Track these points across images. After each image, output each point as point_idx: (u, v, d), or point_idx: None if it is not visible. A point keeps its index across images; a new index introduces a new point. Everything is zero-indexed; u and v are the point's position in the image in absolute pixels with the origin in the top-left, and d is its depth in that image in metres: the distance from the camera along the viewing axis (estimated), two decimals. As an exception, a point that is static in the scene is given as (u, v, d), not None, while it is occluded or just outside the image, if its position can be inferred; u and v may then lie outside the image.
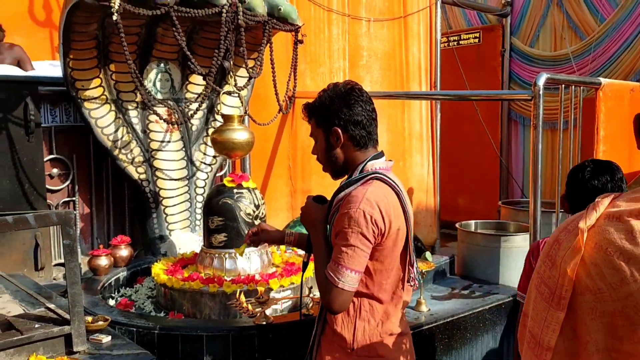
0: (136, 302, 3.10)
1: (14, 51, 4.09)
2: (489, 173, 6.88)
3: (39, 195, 3.31)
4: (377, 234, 1.75)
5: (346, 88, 1.87)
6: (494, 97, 5.73)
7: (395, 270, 1.84)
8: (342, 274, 1.74)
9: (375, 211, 1.74)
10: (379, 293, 1.84)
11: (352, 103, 1.84)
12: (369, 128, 1.86)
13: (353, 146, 1.86)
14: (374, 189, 1.79)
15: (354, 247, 1.74)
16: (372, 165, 1.85)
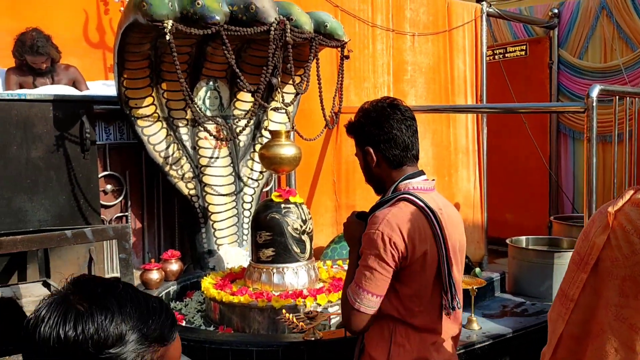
0: (186, 316, 3.14)
1: (69, 72, 4.24)
2: (538, 188, 6.72)
3: (94, 210, 3.40)
4: (398, 258, 1.70)
5: (377, 107, 1.85)
6: (543, 110, 5.62)
7: (429, 297, 1.78)
8: (360, 295, 1.72)
9: (395, 233, 1.69)
10: (412, 319, 1.78)
11: (382, 122, 1.82)
12: (403, 146, 1.82)
13: (387, 165, 1.83)
14: (398, 210, 1.74)
15: (372, 269, 1.71)
16: (405, 185, 1.81)
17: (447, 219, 1.79)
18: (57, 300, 0.93)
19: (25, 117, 3.18)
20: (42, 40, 3.99)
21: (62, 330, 0.89)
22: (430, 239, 1.74)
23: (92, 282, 0.97)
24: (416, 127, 1.86)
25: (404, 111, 1.85)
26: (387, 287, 1.72)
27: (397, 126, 1.81)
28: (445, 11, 5.32)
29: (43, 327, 0.90)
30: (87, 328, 0.89)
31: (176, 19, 2.87)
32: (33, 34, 3.98)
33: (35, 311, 0.93)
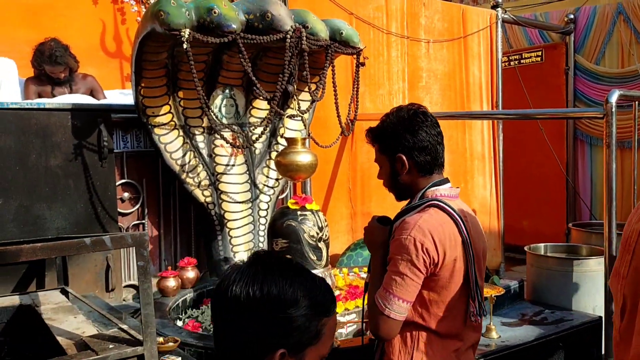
0: (203, 324, 3.14)
1: (87, 81, 4.28)
2: (555, 195, 6.66)
3: (111, 218, 3.42)
4: (429, 264, 1.70)
5: (409, 113, 1.84)
6: (561, 116, 5.57)
7: (454, 303, 1.77)
8: (390, 301, 1.71)
9: (427, 239, 1.69)
10: (436, 326, 1.77)
11: (417, 129, 1.81)
12: (434, 153, 1.83)
13: (417, 172, 1.83)
14: (429, 216, 1.74)
15: (402, 275, 1.70)
16: (433, 192, 1.82)
17: (472, 226, 1.80)
18: (245, 267, 1.14)
19: (44, 125, 3.21)
20: (60, 50, 4.04)
21: (251, 289, 1.09)
22: (460, 246, 1.74)
23: (274, 256, 1.21)
24: (442, 135, 1.88)
25: (433, 118, 1.87)
26: (416, 293, 1.73)
27: (429, 133, 1.82)
28: (460, 18, 5.30)
29: (234, 287, 1.10)
30: (270, 290, 1.09)
31: (193, 28, 2.88)
32: (51, 44, 4.03)
33: (227, 275, 1.14)
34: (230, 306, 1.11)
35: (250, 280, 1.10)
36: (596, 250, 3.82)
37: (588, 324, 3.25)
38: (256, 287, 1.09)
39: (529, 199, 6.66)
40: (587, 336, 3.24)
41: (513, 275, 5.02)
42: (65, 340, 2.33)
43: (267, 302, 1.09)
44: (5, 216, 3.09)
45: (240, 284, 1.10)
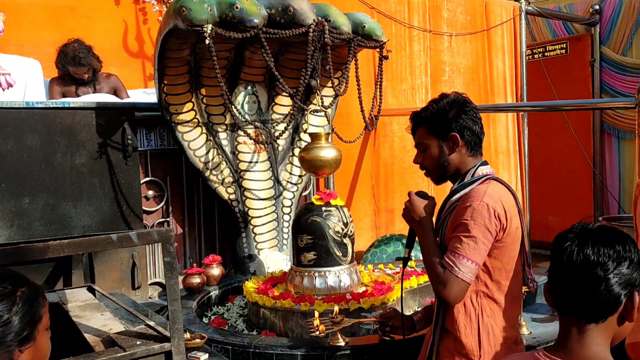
0: (229, 320, 3.13)
1: (110, 80, 4.31)
2: (582, 189, 6.54)
3: (136, 216, 3.43)
4: (499, 229, 1.79)
5: (460, 97, 1.97)
6: (590, 107, 5.46)
7: (513, 273, 1.86)
8: (462, 263, 1.77)
9: (498, 205, 1.79)
10: (498, 294, 1.85)
11: (468, 110, 1.94)
12: (481, 135, 1.96)
13: (467, 151, 1.94)
14: (494, 186, 1.85)
15: (475, 238, 1.77)
16: (482, 170, 1.92)
17: (519, 200, 1.95)
18: (580, 231, 1.29)
19: (69, 124, 3.23)
20: (83, 52, 4.06)
21: (587, 251, 1.23)
22: (518, 215, 1.86)
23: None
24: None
25: (474, 105, 1.99)
26: (484, 257, 1.80)
27: (477, 116, 1.96)
28: (483, 10, 5.23)
29: (570, 247, 1.25)
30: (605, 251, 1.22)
31: (215, 24, 2.87)
32: (75, 45, 4.06)
33: (566, 235, 1.29)
34: (563, 263, 1.26)
35: (584, 243, 1.24)
36: (628, 244, 3.74)
37: (621, 320, 3.18)
38: (589, 251, 1.23)
39: (555, 194, 6.55)
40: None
41: (539, 271, 4.93)
42: (93, 337, 2.33)
43: (603, 265, 1.22)
44: (32, 215, 3.11)
45: (574, 244, 1.25)
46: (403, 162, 4.94)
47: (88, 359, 2.04)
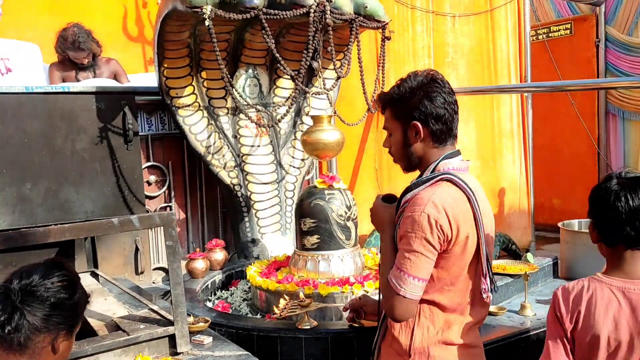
0: (232, 304, 3.13)
1: (110, 65, 4.28)
2: (586, 171, 6.51)
3: (138, 201, 3.42)
4: (443, 240, 1.65)
5: (428, 78, 1.75)
6: (593, 87, 5.40)
7: (463, 279, 1.72)
8: (405, 281, 1.65)
9: (441, 216, 1.63)
10: (440, 299, 1.72)
11: (434, 95, 1.72)
12: (450, 123, 1.75)
13: (432, 142, 1.76)
14: (442, 191, 1.68)
15: (417, 253, 1.64)
16: (444, 165, 1.74)
17: (480, 202, 1.74)
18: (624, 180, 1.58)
19: (69, 109, 3.21)
20: (83, 36, 4.03)
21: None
22: (471, 222, 1.69)
23: None
24: (457, 104, 1.80)
25: (449, 87, 1.77)
26: (431, 271, 1.67)
27: (447, 100, 1.73)
28: (486, -10, 5.16)
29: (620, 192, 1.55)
30: None
31: (215, 5, 2.83)
32: (74, 29, 4.03)
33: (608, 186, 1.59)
34: None
35: None
36: (633, 225, 3.72)
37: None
38: None
39: (559, 176, 6.52)
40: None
41: (544, 254, 4.91)
42: (96, 321, 2.33)
43: None
44: (34, 200, 3.10)
45: None
46: (406, 145, 4.90)
47: (92, 343, 2.04)
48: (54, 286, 1.38)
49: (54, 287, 1.38)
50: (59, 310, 1.38)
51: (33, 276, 1.38)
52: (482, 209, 1.74)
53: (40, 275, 1.38)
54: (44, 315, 1.35)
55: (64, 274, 1.42)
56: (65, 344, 1.44)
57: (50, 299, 1.37)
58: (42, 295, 1.36)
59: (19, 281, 1.37)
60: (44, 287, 1.37)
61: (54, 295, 1.38)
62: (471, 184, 1.75)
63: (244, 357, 2.13)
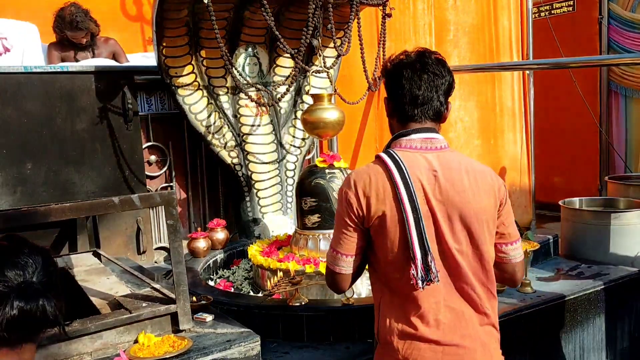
0: (234, 283, 3.15)
1: (109, 45, 4.24)
2: (588, 149, 6.48)
3: (139, 181, 3.42)
4: (356, 216, 1.64)
5: (399, 58, 1.73)
6: (595, 64, 5.34)
7: (400, 264, 1.62)
8: (332, 256, 1.72)
9: (350, 191, 1.65)
10: (390, 285, 1.67)
11: (398, 73, 1.69)
12: (415, 100, 1.67)
13: (396, 118, 1.74)
14: (366, 168, 1.69)
15: (338, 229, 1.70)
16: (395, 143, 1.69)
17: (445, 183, 1.63)
18: None
19: (68, 89, 3.20)
20: (80, 15, 3.99)
21: None
22: (391, 200, 1.60)
23: None
24: (443, 83, 1.69)
25: (430, 64, 1.69)
26: (355, 247, 1.67)
27: (412, 78, 1.68)
28: (488, -34, 5.09)
29: None
30: None
31: (213, -18, 2.80)
32: (72, 9, 3.98)
33: None
34: None
35: None
36: (634, 203, 3.71)
37: (626, 278, 3.17)
38: None
39: (560, 154, 6.50)
40: (625, 290, 3.16)
41: (545, 232, 4.90)
42: (99, 300, 2.35)
43: None
44: (35, 181, 3.10)
45: None
46: (407, 124, 4.88)
47: (95, 320, 2.06)
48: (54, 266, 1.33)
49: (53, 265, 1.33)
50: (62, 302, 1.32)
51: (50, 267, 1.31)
52: (453, 190, 1.63)
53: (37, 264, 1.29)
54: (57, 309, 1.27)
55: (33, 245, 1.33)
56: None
57: (61, 293, 1.32)
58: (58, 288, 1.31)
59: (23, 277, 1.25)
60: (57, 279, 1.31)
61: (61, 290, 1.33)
62: (427, 163, 1.64)
63: (245, 334, 2.15)
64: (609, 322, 3.09)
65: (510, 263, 1.76)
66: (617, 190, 4.63)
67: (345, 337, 2.43)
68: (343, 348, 2.37)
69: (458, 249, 1.64)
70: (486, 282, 1.68)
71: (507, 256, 1.76)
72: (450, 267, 1.64)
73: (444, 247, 1.64)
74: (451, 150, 1.72)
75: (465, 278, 1.65)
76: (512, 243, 1.76)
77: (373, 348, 1.79)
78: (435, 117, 1.72)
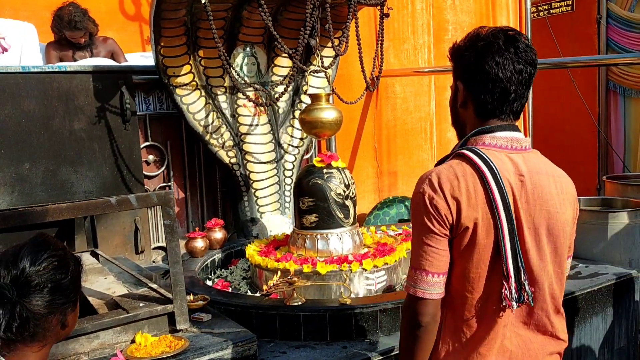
0: (232, 283, 3.15)
1: (107, 44, 4.24)
2: (586, 149, 6.49)
3: (137, 181, 3.42)
4: (444, 224, 1.39)
5: (490, 37, 1.44)
6: (594, 63, 5.34)
7: (485, 281, 1.41)
8: (416, 278, 1.42)
9: (436, 194, 1.39)
10: (462, 308, 1.45)
11: (487, 56, 1.42)
12: (503, 94, 1.43)
13: (474, 111, 1.48)
14: (448, 167, 1.43)
15: (421, 242, 1.42)
16: (476, 140, 1.46)
17: (533, 189, 1.43)
18: None
19: (66, 89, 3.20)
20: (79, 15, 3.99)
21: None
22: (484, 206, 1.38)
23: None
24: (533, 75, 1.47)
25: (522, 51, 1.44)
26: (445, 262, 1.42)
27: (503, 66, 1.41)
28: (487, -34, 5.10)
29: None
30: None
31: (211, -18, 2.80)
32: (70, 8, 3.98)
33: None
34: None
35: None
36: (632, 203, 3.71)
37: (624, 278, 3.17)
38: None
39: (559, 154, 6.44)
40: (622, 290, 3.16)
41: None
42: (97, 300, 2.35)
43: None
44: (33, 180, 3.11)
45: None
46: (405, 123, 4.89)
47: (92, 320, 2.06)
48: (47, 270, 1.29)
49: (47, 272, 1.29)
50: (59, 292, 1.30)
51: (21, 263, 1.27)
52: (538, 197, 1.43)
53: (29, 260, 1.27)
54: (46, 302, 1.27)
55: (52, 253, 1.31)
56: (72, 316, 1.38)
57: (47, 284, 1.28)
58: (38, 283, 1.27)
59: (7, 272, 1.26)
60: (37, 273, 1.27)
61: (50, 280, 1.28)
62: (515, 166, 1.43)
63: (242, 333, 2.15)
64: (607, 321, 3.09)
65: None
66: (615, 190, 4.63)
67: (342, 337, 2.44)
68: (340, 348, 2.38)
69: (542, 267, 1.43)
70: (558, 302, 1.49)
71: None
72: (534, 287, 1.43)
73: (530, 264, 1.43)
74: (535, 152, 1.51)
75: (542, 300, 1.45)
76: (569, 257, 1.57)
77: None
78: (519, 115, 1.50)
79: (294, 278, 2.57)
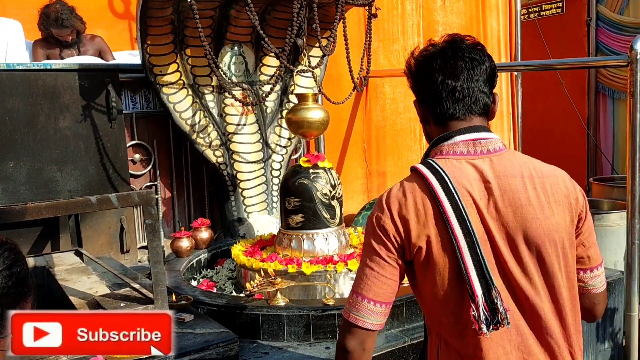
0: (217, 283, 3.13)
1: (95, 42, 4.22)
2: (575, 151, 6.52)
3: (123, 180, 3.40)
4: (393, 246, 1.31)
5: (427, 50, 1.43)
6: (583, 65, 5.37)
7: (454, 304, 1.31)
8: (354, 304, 1.33)
9: (384, 215, 1.32)
10: (443, 331, 1.36)
11: (426, 68, 1.40)
12: (452, 94, 1.37)
13: (433, 122, 1.43)
14: (399, 185, 1.36)
15: (365, 265, 1.34)
16: (436, 150, 1.39)
17: (502, 195, 1.31)
18: None
19: (51, 87, 3.17)
20: (66, 13, 3.97)
21: None
22: (435, 222, 1.29)
23: None
24: (483, 70, 1.40)
25: (463, 49, 1.40)
26: (389, 290, 1.32)
27: (444, 67, 1.37)
28: (477, -33, 5.11)
29: None
30: None
31: (197, -19, 2.78)
32: (57, 6, 3.96)
33: None
34: None
35: None
36: (618, 204, 3.73)
37: (609, 279, 3.18)
38: None
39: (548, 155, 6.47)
40: (608, 291, 3.18)
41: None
42: (78, 299, 2.33)
43: None
44: (17, 179, 3.08)
45: None
46: (395, 124, 4.89)
47: (71, 321, 2.04)
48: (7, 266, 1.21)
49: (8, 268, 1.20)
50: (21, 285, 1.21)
51: None
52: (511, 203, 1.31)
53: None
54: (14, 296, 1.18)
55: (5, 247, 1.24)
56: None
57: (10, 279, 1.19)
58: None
59: None
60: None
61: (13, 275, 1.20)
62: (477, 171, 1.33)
63: (224, 334, 2.14)
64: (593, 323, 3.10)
65: (588, 294, 1.44)
66: (601, 192, 4.65)
67: (325, 338, 2.43)
68: (323, 349, 2.37)
69: (526, 280, 1.31)
70: (568, 320, 1.35)
71: (585, 285, 1.43)
72: (522, 304, 1.31)
73: (509, 279, 1.31)
74: (509, 152, 1.40)
75: (540, 319, 1.32)
76: (592, 269, 1.43)
77: None
78: (482, 112, 1.40)
79: (277, 279, 2.56)
